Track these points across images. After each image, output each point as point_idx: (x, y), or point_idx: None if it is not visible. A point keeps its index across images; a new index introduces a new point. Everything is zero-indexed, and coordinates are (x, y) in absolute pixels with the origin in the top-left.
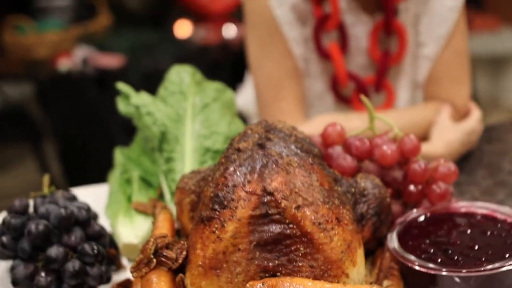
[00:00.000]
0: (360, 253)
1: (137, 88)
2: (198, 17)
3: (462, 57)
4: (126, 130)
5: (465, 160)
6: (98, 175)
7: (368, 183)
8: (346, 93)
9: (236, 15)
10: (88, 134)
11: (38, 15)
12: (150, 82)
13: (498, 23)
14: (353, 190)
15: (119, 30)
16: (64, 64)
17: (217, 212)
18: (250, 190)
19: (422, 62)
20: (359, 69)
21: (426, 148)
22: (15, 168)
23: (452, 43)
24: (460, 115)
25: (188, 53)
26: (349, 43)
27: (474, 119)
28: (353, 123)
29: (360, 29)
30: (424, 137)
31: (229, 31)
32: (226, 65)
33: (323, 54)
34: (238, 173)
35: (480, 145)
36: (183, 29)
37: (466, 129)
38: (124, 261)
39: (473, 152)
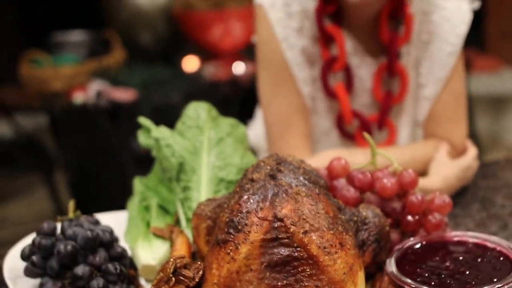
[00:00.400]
0: (361, 276)
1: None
2: (208, 54)
3: (459, 99)
4: (136, 161)
5: (461, 194)
6: (108, 204)
7: (369, 212)
8: (351, 130)
9: (245, 53)
10: (99, 164)
11: (54, 50)
12: (161, 116)
13: (499, 64)
14: (355, 218)
15: (132, 66)
16: (79, 97)
17: (232, 236)
18: (262, 216)
19: (422, 102)
20: (363, 107)
21: (425, 182)
22: (27, 197)
23: (451, 86)
24: (457, 152)
25: (198, 89)
26: (354, 84)
27: (470, 156)
28: (356, 158)
29: (364, 70)
30: (423, 172)
31: (239, 68)
32: (235, 101)
33: (330, 94)
34: (251, 200)
35: (475, 180)
36: (191, 64)
37: (462, 165)
38: (142, 281)
39: (469, 187)
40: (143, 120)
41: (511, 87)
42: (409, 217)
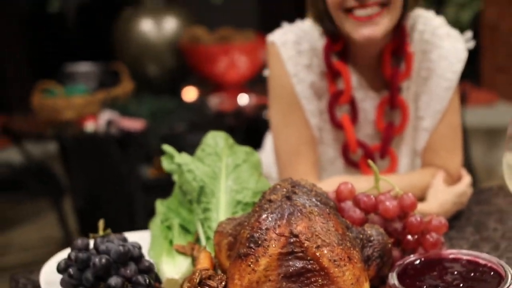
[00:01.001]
0: (366, 286)
1: (156, 149)
2: (214, 85)
3: (455, 131)
4: (144, 188)
5: (456, 218)
6: (116, 230)
7: (373, 231)
8: (355, 158)
9: (249, 85)
10: (107, 191)
11: (66, 81)
12: (168, 144)
13: (494, 98)
14: (361, 236)
15: (140, 96)
16: (90, 125)
17: (252, 250)
18: (280, 232)
19: (421, 133)
20: (366, 138)
21: (423, 207)
22: (35, 222)
23: (447, 118)
24: (453, 180)
25: (203, 119)
26: (359, 116)
27: (465, 184)
28: (360, 184)
29: (368, 103)
30: (421, 198)
31: (243, 99)
32: (240, 131)
33: (336, 125)
34: (270, 219)
35: (470, 206)
36: (195, 95)
37: (457, 191)
38: None
39: (464, 212)
40: (166, 147)
41: (505, 119)
42: (409, 236)
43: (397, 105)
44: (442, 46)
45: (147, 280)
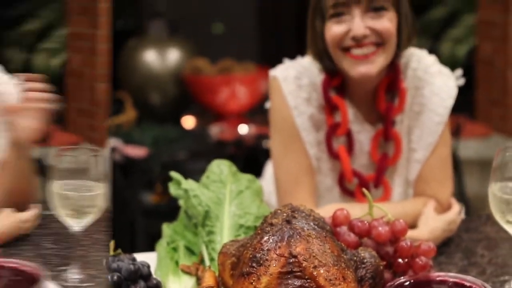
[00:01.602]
0: None
1: (158, 176)
2: (215, 115)
3: (446, 162)
4: (145, 214)
5: (446, 245)
6: None
7: (366, 254)
8: (351, 187)
9: (249, 115)
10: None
11: None
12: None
13: (488, 131)
14: (355, 258)
15: (143, 125)
16: None
17: (254, 268)
18: (280, 253)
19: (413, 164)
20: (362, 168)
21: (414, 233)
22: None
23: (438, 151)
24: (443, 208)
25: (204, 147)
26: (355, 147)
27: (454, 212)
28: (354, 211)
29: (364, 135)
30: (413, 225)
31: (243, 129)
32: (240, 159)
33: (333, 155)
34: (271, 240)
35: (459, 233)
36: (192, 124)
37: (447, 219)
38: None
39: (453, 239)
40: (174, 174)
41: None
42: (400, 260)
43: (391, 137)
44: (434, 83)
45: None
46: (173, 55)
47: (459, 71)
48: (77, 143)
